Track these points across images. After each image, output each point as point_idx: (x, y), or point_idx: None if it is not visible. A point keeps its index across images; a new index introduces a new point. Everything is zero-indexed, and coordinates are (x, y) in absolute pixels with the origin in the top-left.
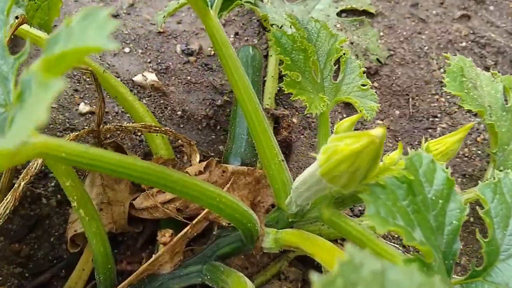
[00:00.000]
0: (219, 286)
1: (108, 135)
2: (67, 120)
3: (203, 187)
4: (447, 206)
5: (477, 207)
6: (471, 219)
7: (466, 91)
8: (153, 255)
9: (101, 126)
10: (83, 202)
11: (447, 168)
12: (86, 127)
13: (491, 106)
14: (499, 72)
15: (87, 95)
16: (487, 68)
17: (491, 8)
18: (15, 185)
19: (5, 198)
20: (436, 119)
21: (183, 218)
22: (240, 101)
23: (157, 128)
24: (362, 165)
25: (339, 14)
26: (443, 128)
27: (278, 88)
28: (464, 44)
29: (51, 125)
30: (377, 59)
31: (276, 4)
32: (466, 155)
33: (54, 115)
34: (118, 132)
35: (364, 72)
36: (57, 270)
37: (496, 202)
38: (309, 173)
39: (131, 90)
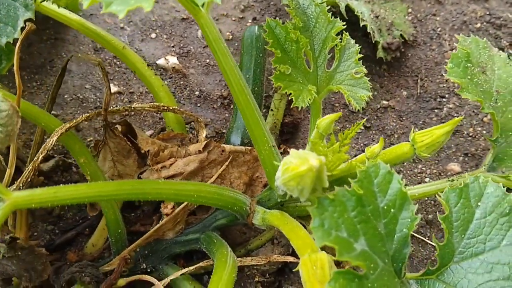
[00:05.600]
0: (212, 256)
1: (118, 116)
2: (98, 100)
3: (179, 188)
4: (399, 215)
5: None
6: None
7: (469, 77)
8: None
9: (108, 109)
10: (96, 176)
11: (448, 148)
12: (114, 106)
13: (499, 91)
14: None
15: (116, 77)
16: (501, 49)
17: None
18: (35, 157)
19: (26, 168)
20: (444, 99)
21: None
22: (233, 93)
23: (165, 107)
24: (306, 185)
25: None
26: (450, 108)
27: None
28: (478, 25)
29: (84, 104)
30: (401, 35)
31: None
32: (471, 134)
33: (87, 95)
34: (127, 112)
35: (384, 48)
36: (82, 229)
37: (459, 206)
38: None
39: (155, 73)
